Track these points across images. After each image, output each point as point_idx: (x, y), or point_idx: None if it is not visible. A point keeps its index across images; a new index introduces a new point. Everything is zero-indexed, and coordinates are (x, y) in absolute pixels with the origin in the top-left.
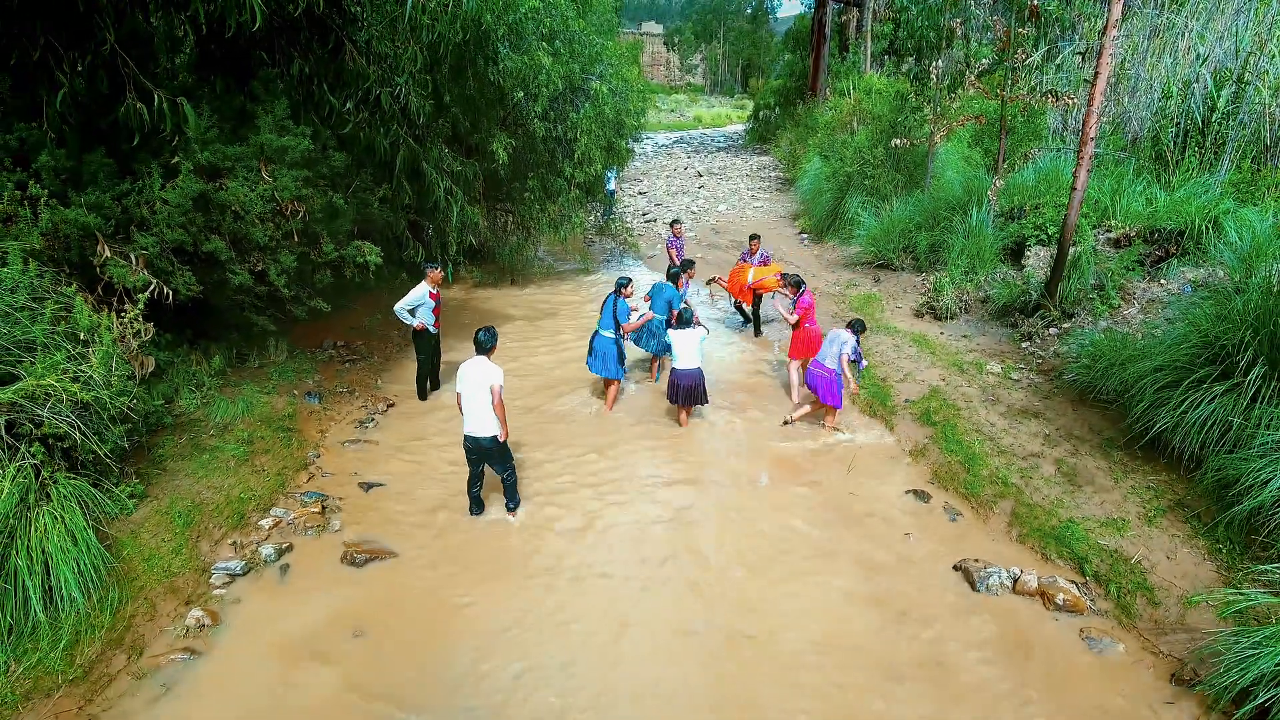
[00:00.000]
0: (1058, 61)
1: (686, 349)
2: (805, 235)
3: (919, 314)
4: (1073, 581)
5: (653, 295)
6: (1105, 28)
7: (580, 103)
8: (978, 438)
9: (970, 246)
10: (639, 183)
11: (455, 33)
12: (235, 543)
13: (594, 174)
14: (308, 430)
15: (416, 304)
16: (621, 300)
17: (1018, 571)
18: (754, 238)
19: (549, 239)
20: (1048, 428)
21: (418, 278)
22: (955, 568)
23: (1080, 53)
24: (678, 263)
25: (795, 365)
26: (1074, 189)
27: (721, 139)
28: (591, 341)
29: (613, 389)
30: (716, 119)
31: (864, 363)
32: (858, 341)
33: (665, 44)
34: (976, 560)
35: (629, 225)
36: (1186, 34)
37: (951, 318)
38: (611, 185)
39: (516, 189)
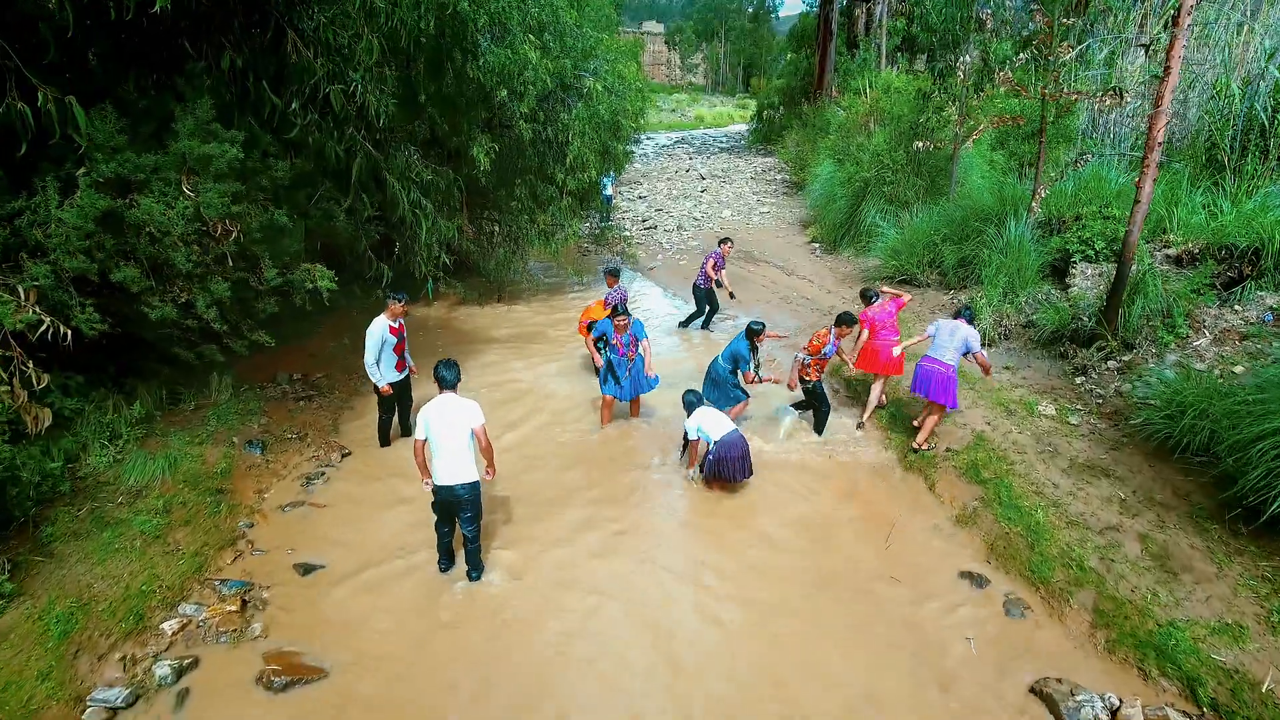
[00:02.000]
0: (1087, 57)
1: (716, 417)
2: (817, 245)
3: None
4: (1186, 715)
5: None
6: (1177, 16)
7: (572, 102)
8: (1039, 502)
9: (1008, 263)
10: (639, 185)
11: (422, 20)
12: (126, 657)
13: (588, 181)
14: (243, 490)
15: (378, 348)
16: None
17: (1115, 701)
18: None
19: (540, 251)
20: (1122, 490)
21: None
22: (1033, 690)
23: (1143, 46)
24: (727, 285)
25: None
26: (1137, 201)
27: (724, 139)
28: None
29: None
30: (718, 118)
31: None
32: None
33: (666, 43)
34: (1059, 680)
35: (627, 233)
36: (1241, 26)
37: (990, 345)
38: (608, 190)
39: (503, 197)
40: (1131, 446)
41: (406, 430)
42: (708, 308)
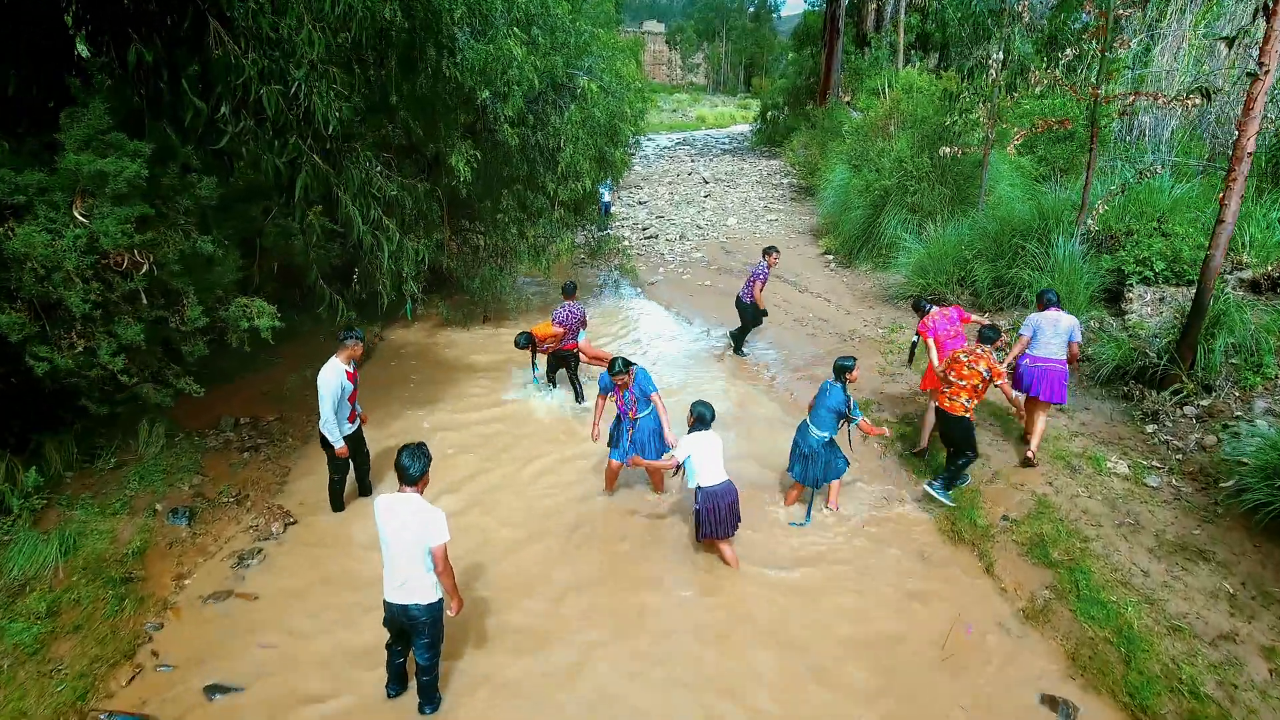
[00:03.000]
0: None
1: (712, 456)
2: (831, 258)
3: None
4: None
5: (818, 399)
6: (1275, 5)
7: (565, 104)
8: (1127, 595)
9: (1055, 285)
10: (638, 190)
11: (385, 9)
12: None
13: (582, 191)
14: (158, 576)
15: (336, 399)
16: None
17: None
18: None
19: (531, 267)
20: (1227, 579)
21: (370, 318)
22: None
23: (1224, 39)
24: (761, 302)
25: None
26: (1220, 221)
27: (726, 140)
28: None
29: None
30: (720, 119)
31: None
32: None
33: (667, 42)
34: None
35: (626, 243)
36: None
37: None
38: (606, 197)
39: (487, 209)
40: (1229, 519)
41: (365, 489)
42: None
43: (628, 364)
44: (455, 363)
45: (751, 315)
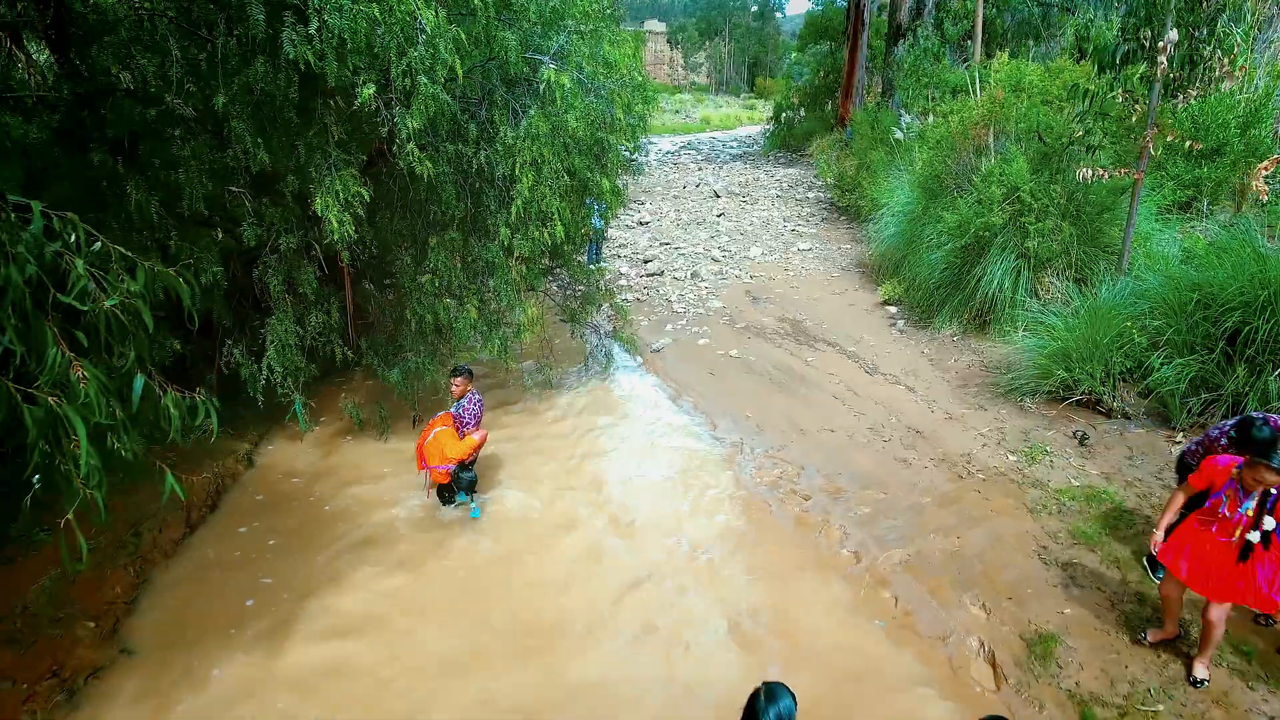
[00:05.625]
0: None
1: None
2: (895, 310)
3: None
4: None
5: None
6: None
7: (521, 107)
8: None
9: None
10: (639, 206)
11: None
12: None
13: (548, 241)
14: None
15: None
16: None
17: None
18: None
19: (484, 347)
20: None
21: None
22: None
23: None
24: None
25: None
26: None
27: (734, 144)
28: None
29: None
30: (725, 120)
31: None
32: None
33: (669, 42)
34: None
35: (622, 281)
36: None
37: None
38: (598, 221)
39: (405, 269)
40: None
41: None
42: None
43: None
44: (352, 513)
45: None
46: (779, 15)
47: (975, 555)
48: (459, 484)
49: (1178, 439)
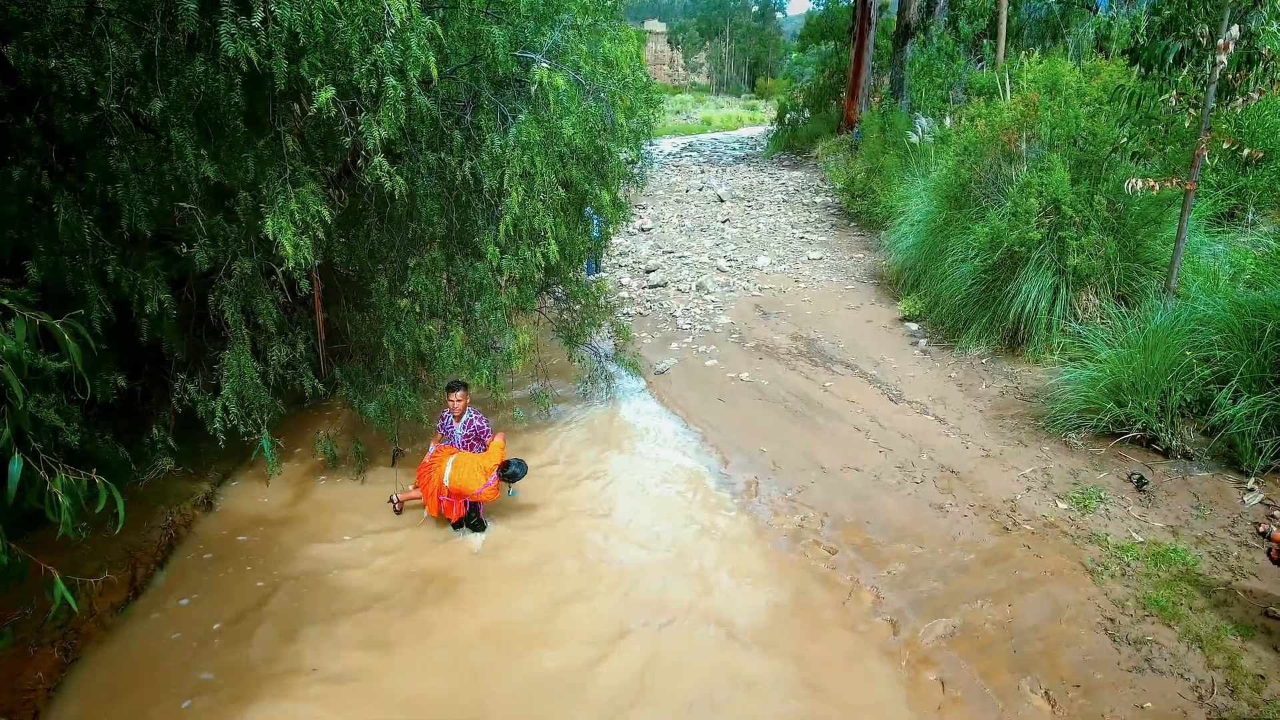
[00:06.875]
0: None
1: None
2: (918, 331)
3: None
4: None
5: None
6: None
7: (514, 110)
8: None
9: None
10: (640, 212)
11: None
12: None
13: (541, 262)
14: None
15: None
16: None
17: None
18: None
19: (474, 379)
20: None
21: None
22: None
23: None
24: None
25: None
26: None
27: (736, 145)
28: None
29: None
30: (726, 121)
31: None
32: None
33: (669, 42)
34: None
35: (624, 295)
36: None
37: None
38: (596, 233)
39: (381, 291)
40: None
41: None
42: None
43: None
44: (320, 568)
45: None
46: (780, 15)
47: (1031, 628)
48: (511, 481)
49: (1249, 485)
